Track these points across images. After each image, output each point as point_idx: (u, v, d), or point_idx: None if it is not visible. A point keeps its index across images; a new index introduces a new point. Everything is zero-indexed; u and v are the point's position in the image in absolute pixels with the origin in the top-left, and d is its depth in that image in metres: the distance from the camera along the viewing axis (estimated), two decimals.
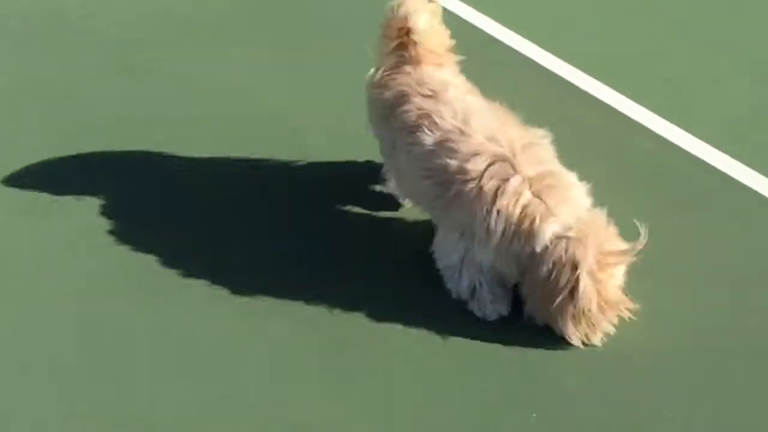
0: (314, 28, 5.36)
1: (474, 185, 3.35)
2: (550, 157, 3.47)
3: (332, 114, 4.66)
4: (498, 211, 3.31)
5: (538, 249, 3.29)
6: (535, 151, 3.43)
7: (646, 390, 3.32)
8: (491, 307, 3.53)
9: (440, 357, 3.41)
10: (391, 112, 3.70)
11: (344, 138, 4.47)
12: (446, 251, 3.59)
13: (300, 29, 5.35)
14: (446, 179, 3.43)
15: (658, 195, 4.14)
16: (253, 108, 4.73)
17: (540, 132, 3.54)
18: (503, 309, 3.55)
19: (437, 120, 3.51)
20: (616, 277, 3.36)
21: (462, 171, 3.38)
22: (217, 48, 5.22)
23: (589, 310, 3.30)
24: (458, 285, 3.58)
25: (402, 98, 3.66)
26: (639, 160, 4.37)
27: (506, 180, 3.32)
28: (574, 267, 3.25)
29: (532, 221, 3.28)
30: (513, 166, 3.35)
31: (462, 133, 3.45)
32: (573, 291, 3.28)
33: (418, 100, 3.60)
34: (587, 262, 3.24)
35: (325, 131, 4.56)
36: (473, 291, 3.54)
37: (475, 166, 3.36)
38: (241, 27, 5.39)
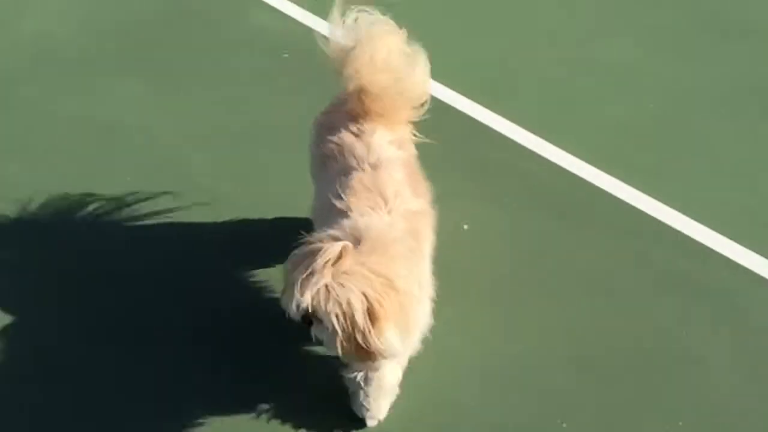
0: (191, 59, 5.28)
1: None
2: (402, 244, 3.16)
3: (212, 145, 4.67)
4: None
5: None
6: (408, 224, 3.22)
7: None
8: None
9: None
10: (321, 141, 3.59)
11: (231, 170, 4.50)
12: None
13: (177, 60, 5.28)
14: (331, 210, 3.31)
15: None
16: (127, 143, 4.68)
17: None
18: None
19: (346, 153, 3.43)
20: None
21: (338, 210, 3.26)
22: (89, 82, 5.09)
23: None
24: None
25: (332, 129, 3.55)
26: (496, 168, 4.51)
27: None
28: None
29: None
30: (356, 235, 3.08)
31: (363, 171, 3.35)
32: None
33: (343, 134, 3.50)
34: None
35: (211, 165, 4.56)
36: None
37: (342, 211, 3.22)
38: (115, 60, 5.27)
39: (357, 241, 3.01)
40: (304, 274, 2.93)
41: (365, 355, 3.00)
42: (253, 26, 5.44)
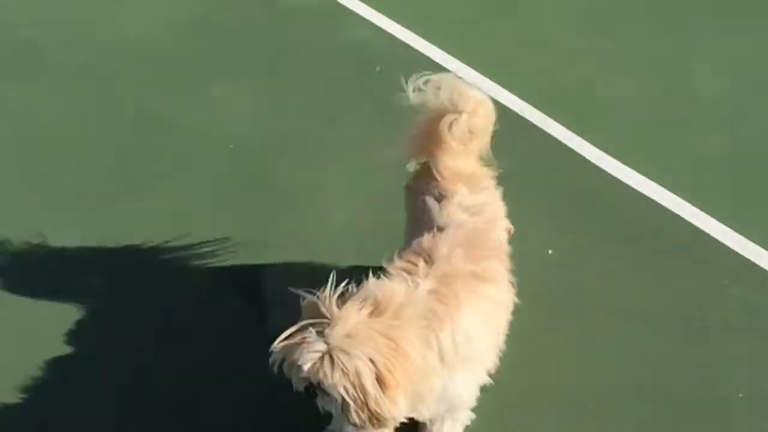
0: (282, 65, 5.34)
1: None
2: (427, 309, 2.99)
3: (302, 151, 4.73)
4: None
5: None
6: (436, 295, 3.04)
7: None
8: None
9: None
10: (412, 203, 3.58)
11: (314, 180, 4.56)
12: None
13: (268, 66, 5.35)
14: None
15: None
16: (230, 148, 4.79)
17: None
18: None
19: (426, 216, 3.38)
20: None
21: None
22: (189, 84, 5.22)
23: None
24: None
25: (420, 192, 3.52)
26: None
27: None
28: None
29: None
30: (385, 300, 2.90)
31: (430, 234, 3.27)
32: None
33: (427, 197, 3.46)
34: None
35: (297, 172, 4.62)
36: None
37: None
38: (206, 62, 5.38)
39: (365, 303, 2.85)
40: (303, 341, 2.81)
41: (378, 423, 2.86)
42: (348, 38, 5.47)
